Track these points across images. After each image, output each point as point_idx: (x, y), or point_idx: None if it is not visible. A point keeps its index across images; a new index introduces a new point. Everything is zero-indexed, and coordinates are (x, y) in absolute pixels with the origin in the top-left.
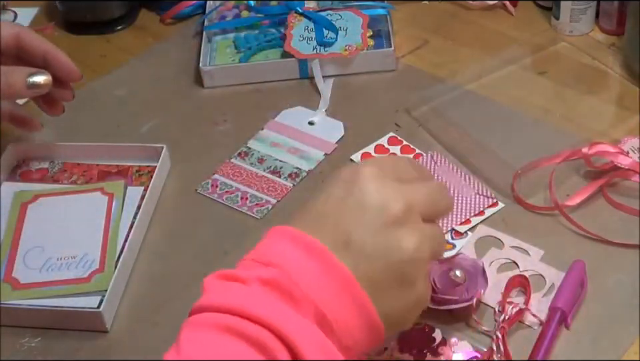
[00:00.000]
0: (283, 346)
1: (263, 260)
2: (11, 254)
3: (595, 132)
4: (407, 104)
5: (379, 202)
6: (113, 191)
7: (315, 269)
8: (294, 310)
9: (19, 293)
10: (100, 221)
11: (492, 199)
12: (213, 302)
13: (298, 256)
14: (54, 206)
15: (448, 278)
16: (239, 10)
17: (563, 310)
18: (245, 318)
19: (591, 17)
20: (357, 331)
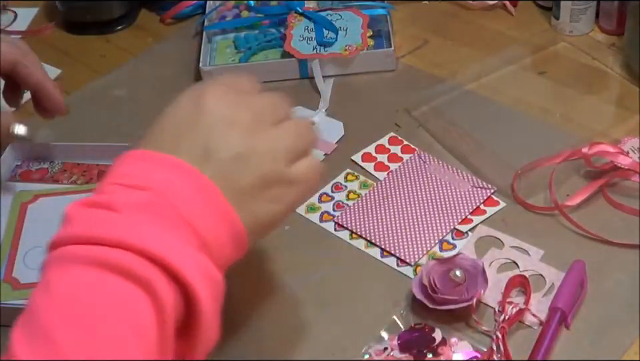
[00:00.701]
0: (167, 278)
1: (130, 184)
2: (11, 254)
3: (595, 132)
4: (406, 104)
5: (228, 114)
6: None
7: (186, 188)
8: (175, 236)
9: (18, 293)
10: None
11: (489, 190)
12: (80, 232)
13: (167, 177)
14: (54, 206)
15: (448, 278)
16: (239, 10)
17: (562, 310)
18: (121, 247)
19: (591, 17)
20: (227, 247)
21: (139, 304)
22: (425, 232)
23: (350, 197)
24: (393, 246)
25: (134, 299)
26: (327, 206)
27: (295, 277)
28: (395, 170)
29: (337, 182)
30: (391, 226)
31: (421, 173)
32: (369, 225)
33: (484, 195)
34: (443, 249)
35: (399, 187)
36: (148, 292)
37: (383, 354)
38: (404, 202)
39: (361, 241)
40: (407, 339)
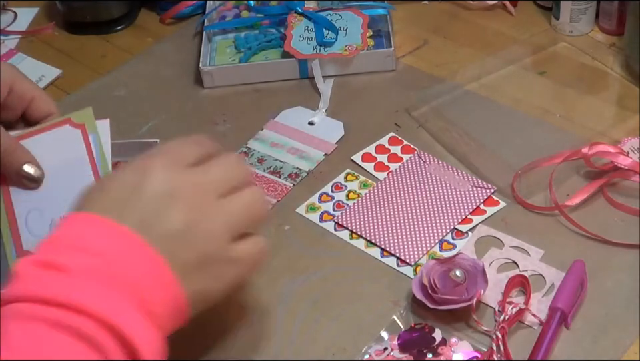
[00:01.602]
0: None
1: (81, 247)
2: (12, 226)
3: (594, 132)
4: (406, 104)
5: (169, 188)
6: (83, 121)
7: (135, 260)
8: (122, 302)
9: None
10: (85, 162)
11: (489, 190)
12: (35, 292)
13: (115, 245)
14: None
15: (448, 278)
16: (239, 10)
17: (562, 310)
18: (74, 311)
19: (591, 17)
20: (169, 318)
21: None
22: (425, 232)
23: (350, 197)
24: (393, 246)
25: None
26: (327, 206)
27: (295, 277)
28: (395, 170)
29: (337, 182)
30: (391, 226)
31: (421, 173)
32: (369, 225)
33: (484, 195)
34: (442, 249)
35: (398, 187)
36: (98, 351)
37: (383, 354)
38: (404, 202)
39: (361, 241)
40: (407, 339)
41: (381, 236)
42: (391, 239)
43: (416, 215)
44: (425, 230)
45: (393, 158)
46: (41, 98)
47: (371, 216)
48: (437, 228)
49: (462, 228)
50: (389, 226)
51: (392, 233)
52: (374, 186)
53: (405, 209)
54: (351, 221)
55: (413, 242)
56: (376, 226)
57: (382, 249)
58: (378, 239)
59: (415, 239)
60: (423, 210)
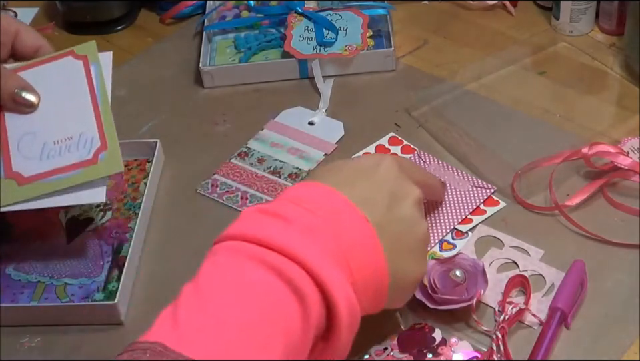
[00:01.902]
0: (319, 294)
1: (304, 207)
2: (3, 148)
3: (594, 132)
4: (406, 104)
5: (402, 182)
6: (86, 53)
7: (352, 230)
8: (331, 261)
9: (26, 189)
10: (84, 91)
11: (489, 190)
12: (255, 233)
13: (338, 213)
14: (30, 79)
15: (448, 278)
16: (239, 10)
17: (562, 310)
18: (287, 256)
19: (591, 17)
20: (368, 296)
21: (289, 305)
22: None
23: None
24: None
25: (286, 300)
26: None
27: None
28: None
29: None
30: None
31: None
32: None
33: (484, 195)
34: (442, 249)
35: None
36: (299, 297)
37: (383, 354)
38: None
39: None
40: (407, 339)
41: None
42: None
43: None
44: None
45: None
46: (27, 30)
47: None
48: (436, 228)
49: (462, 228)
50: None
51: None
52: None
53: None
54: None
55: None
56: None
57: None
58: None
59: None
60: (423, 210)
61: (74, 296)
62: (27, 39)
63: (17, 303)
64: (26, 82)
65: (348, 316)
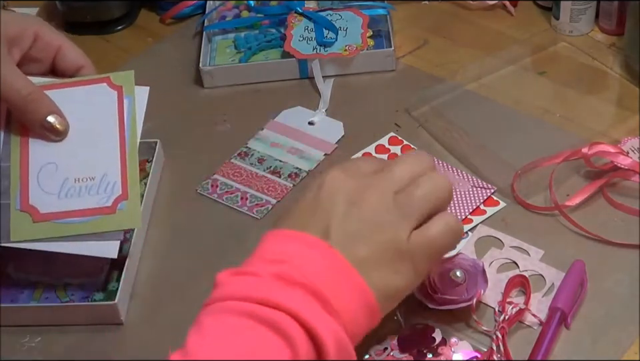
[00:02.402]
0: (304, 332)
1: (270, 258)
2: (22, 176)
3: (594, 132)
4: (406, 104)
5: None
6: (122, 83)
7: (317, 261)
8: (309, 300)
9: (39, 227)
10: (113, 127)
11: (489, 190)
12: (231, 292)
13: (300, 250)
14: (59, 101)
15: (448, 278)
16: (239, 10)
17: (562, 310)
18: (265, 305)
19: (591, 17)
20: (358, 316)
21: (279, 350)
22: None
23: None
24: None
25: (275, 345)
26: None
27: None
28: None
29: None
30: None
31: None
32: None
33: (484, 195)
34: None
35: None
36: (287, 342)
37: (383, 354)
38: None
39: None
40: (407, 339)
41: None
42: None
43: None
44: None
45: (393, 158)
46: (69, 47)
47: None
48: None
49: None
50: None
51: None
52: None
53: None
54: None
55: None
56: None
57: None
58: None
59: None
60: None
61: (74, 296)
62: (69, 56)
63: (17, 303)
64: (58, 109)
65: (336, 349)
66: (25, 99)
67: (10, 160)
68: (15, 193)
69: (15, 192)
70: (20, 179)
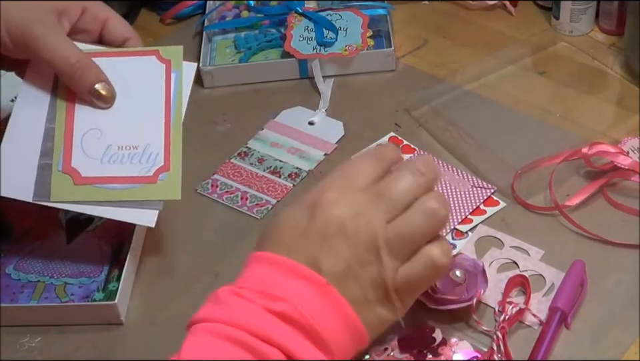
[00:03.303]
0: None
1: (264, 291)
2: (66, 138)
3: (594, 132)
4: (406, 104)
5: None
6: (170, 57)
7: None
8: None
9: (80, 190)
10: (159, 98)
11: (489, 190)
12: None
13: (296, 287)
14: (108, 69)
15: (448, 278)
16: (239, 10)
17: (562, 310)
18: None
19: (591, 17)
20: (350, 351)
21: None
22: None
23: None
24: None
25: None
26: None
27: None
28: None
29: None
30: None
31: None
32: None
33: (484, 195)
34: None
35: None
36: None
37: (383, 354)
38: None
39: None
40: (407, 339)
41: None
42: None
43: None
44: None
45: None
46: (116, 19)
47: None
48: None
49: (462, 228)
50: None
51: None
52: None
53: None
54: None
55: None
56: None
57: None
58: None
59: None
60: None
61: (74, 295)
62: (116, 28)
63: (17, 303)
64: (106, 78)
65: None
66: (74, 67)
67: (55, 122)
68: (58, 155)
69: (58, 154)
70: (64, 141)
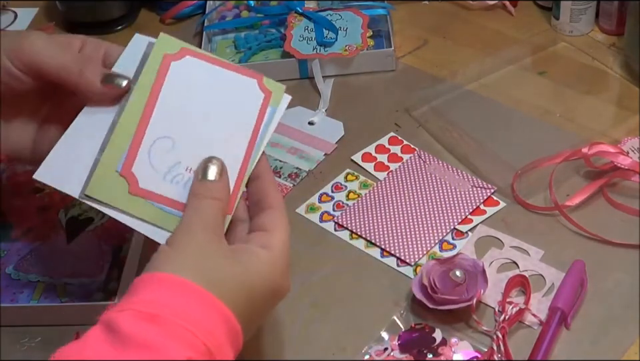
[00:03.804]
0: None
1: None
2: (135, 139)
3: (595, 132)
4: (406, 104)
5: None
6: (272, 90)
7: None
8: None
9: (131, 201)
10: (247, 128)
11: (489, 190)
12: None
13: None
14: (201, 75)
15: (448, 278)
16: (239, 10)
17: (562, 310)
18: None
19: (591, 17)
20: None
21: None
22: (425, 232)
23: (350, 197)
24: (393, 246)
25: None
26: (327, 206)
27: (295, 277)
28: (395, 170)
29: (337, 182)
30: (391, 226)
31: (420, 173)
32: (369, 225)
33: (484, 195)
34: (442, 249)
35: (398, 187)
36: None
37: (383, 354)
38: (404, 202)
39: (361, 241)
40: (407, 339)
41: (380, 236)
42: (391, 239)
43: (416, 215)
44: (424, 230)
45: (393, 158)
46: (115, 48)
47: (371, 216)
48: (437, 228)
49: (462, 228)
50: (389, 226)
51: (392, 233)
52: (374, 186)
53: (405, 209)
54: (351, 221)
55: (412, 242)
56: (376, 226)
57: (382, 249)
58: (378, 239)
59: (414, 239)
60: (423, 210)
61: (74, 296)
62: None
63: (17, 303)
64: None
65: None
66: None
67: (121, 117)
68: (121, 154)
69: (122, 153)
70: (132, 142)
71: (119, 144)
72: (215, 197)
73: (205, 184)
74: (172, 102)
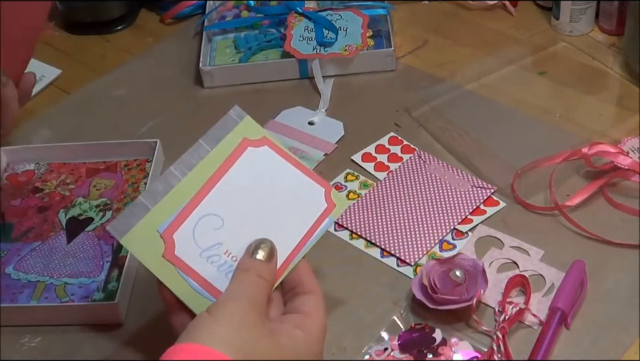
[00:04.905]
0: None
1: None
2: (187, 208)
3: (595, 132)
4: (406, 104)
5: None
6: (336, 202)
7: None
8: None
9: (162, 265)
10: (300, 232)
11: (489, 190)
12: None
13: None
14: (273, 168)
15: (448, 278)
16: (239, 10)
17: (562, 310)
18: None
19: (591, 17)
20: None
21: None
22: (425, 232)
23: (350, 197)
24: (393, 246)
25: None
26: None
27: None
28: (395, 170)
29: (337, 182)
30: (391, 226)
31: (421, 173)
32: (369, 225)
33: (484, 195)
34: (442, 249)
35: (398, 187)
36: None
37: (383, 354)
38: (404, 202)
39: (361, 241)
40: (407, 339)
41: (380, 236)
42: (391, 239)
43: (416, 215)
44: (424, 230)
45: (393, 158)
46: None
47: (371, 216)
48: (437, 228)
49: (462, 228)
50: (389, 226)
51: (392, 233)
52: (374, 186)
53: (405, 209)
54: (351, 221)
55: (412, 242)
56: (376, 226)
57: (382, 249)
58: (378, 239)
59: (414, 239)
60: (423, 210)
61: (74, 295)
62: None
63: (17, 302)
64: None
65: None
66: None
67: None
68: (169, 216)
69: (169, 216)
70: (183, 208)
71: (171, 205)
72: (263, 276)
73: (254, 262)
74: (235, 184)
